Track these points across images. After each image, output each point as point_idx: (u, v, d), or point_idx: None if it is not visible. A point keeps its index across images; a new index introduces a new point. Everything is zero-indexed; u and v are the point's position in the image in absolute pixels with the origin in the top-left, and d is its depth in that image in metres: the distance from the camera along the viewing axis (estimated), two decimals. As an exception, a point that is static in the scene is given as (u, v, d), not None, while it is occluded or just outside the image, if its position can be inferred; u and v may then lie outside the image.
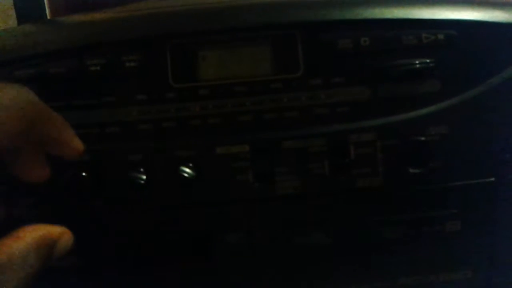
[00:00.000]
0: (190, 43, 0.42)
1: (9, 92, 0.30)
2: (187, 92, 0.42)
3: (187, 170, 0.41)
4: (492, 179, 0.42)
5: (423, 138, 0.41)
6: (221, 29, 0.43)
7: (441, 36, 0.42)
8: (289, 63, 0.42)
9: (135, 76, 0.42)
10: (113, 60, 0.42)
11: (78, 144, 0.35)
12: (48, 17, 0.59)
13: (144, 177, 0.41)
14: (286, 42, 0.42)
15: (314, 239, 0.44)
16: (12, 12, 0.58)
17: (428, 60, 0.42)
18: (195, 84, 0.42)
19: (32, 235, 0.30)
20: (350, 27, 0.42)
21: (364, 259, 0.44)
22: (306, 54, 0.42)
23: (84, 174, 0.40)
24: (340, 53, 0.42)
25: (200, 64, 0.42)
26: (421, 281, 0.45)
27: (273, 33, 0.42)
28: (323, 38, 0.42)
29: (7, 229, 0.29)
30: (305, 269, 0.44)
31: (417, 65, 0.42)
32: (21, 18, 0.56)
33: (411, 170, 0.42)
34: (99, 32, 0.43)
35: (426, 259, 0.44)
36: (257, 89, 0.42)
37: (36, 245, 0.29)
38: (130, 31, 0.43)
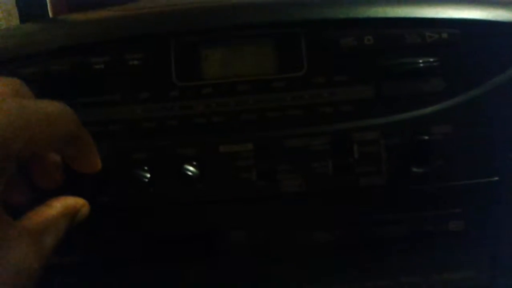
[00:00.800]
0: (194, 41, 0.42)
1: (57, 106, 0.32)
2: (190, 90, 0.42)
3: (191, 168, 0.41)
4: (496, 178, 0.42)
5: (426, 137, 0.41)
6: (224, 28, 0.43)
7: (444, 35, 0.42)
8: (292, 61, 0.42)
9: (138, 74, 0.42)
10: (117, 58, 0.42)
11: (98, 164, 0.38)
12: (50, 16, 0.59)
13: (148, 175, 0.41)
14: (289, 41, 0.42)
15: (316, 237, 0.44)
16: (15, 11, 0.58)
17: (431, 59, 0.42)
18: (199, 82, 0.42)
19: (62, 204, 0.34)
20: (353, 25, 0.42)
21: (366, 258, 0.44)
22: (310, 52, 0.42)
23: (87, 172, 0.40)
24: (344, 51, 0.42)
25: (203, 62, 0.42)
26: (424, 281, 0.44)
27: (277, 31, 0.42)
28: (327, 37, 0.42)
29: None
30: (307, 267, 0.44)
31: (421, 64, 0.42)
32: (23, 17, 0.56)
33: (414, 169, 0.42)
34: (103, 30, 0.43)
35: (429, 258, 0.44)
36: (261, 88, 0.42)
37: (65, 213, 0.34)
38: (134, 29, 0.43)
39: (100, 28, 0.44)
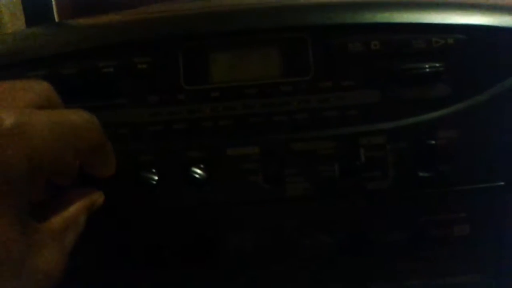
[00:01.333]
0: (202, 46, 0.43)
1: (84, 118, 0.33)
2: (198, 94, 0.42)
3: (198, 171, 0.41)
4: (502, 183, 0.43)
5: (432, 142, 0.41)
6: (232, 32, 0.43)
7: (450, 41, 0.42)
8: (299, 66, 0.42)
9: (147, 78, 0.42)
10: (125, 62, 0.42)
11: (113, 170, 0.38)
12: (56, 19, 0.59)
13: (156, 177, 0.41)
14: (296, 45, 0.43)
15: (321, 241, 0.44)
16: (21, 15, 0.58)
17: (437, 64, 0.42)
18: (206, 86, 0.42)
19: (80, 199, 0.35)
20: (360, 30, 0.43)
21: (371, 262, 0.44)
22: (316, 57, 0.42)
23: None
24: (350, 56, 0.42)
25: (211, 66, 0.42)
26: (428, 285, 0.45)
27: (284, 36, 0.43)
28: (334, 42, 0.42)
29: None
30: (313, 270, 0.45)
31: (427, 69, 0.42)
32: (30, 20, 0.57)
33: (421, 174, 0.42)
34: (112, 34, 0.44)
35: (434, 263, 0.44)
36: (268, 92, 0.42)
37: (83, 208, 0.34)
38: (143, 33, 0.43)
39: (109, 32, 0.44)
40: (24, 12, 0.57)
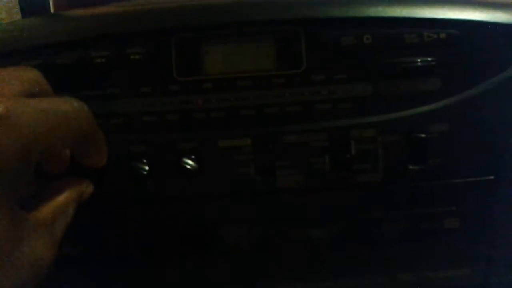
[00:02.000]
0: (195, 37, 0.43)
1: (74, 106, 0.33)
2: (190, 86, 0.42)
3: (190, 162, 0.41)
4: (492, 177, 0.43)
5: (423, 135, 0.42)
6: (225, 24, 0.43)
7: (443, 35, 0.43)
8: (292, 58, 0.43)
9: (140, 69, 0.42)
10: (119, 53, 0.42)
11: (104, 160, 0.38)
12: (52, 11, 0.59)
13: (147, 168, 0.41)
14: (289, 38, 0.43)
15: (313, 233, 0.44)
16: (17, 7, 0.59)
17: (429, 59, 0.42)
18: (199, 77, 0.42)
19: (68, 188, 0.34)
20: (353, 24, 0.43)
21: (362, 255, 0.45)
22: (309, 50, 0.43)
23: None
24: (343, 50, 0.43)
25: (204, 58, 0.43)
26: (419, 278, 0.45)
27: (277, 29, 0.43)
28: (326, 35, 0.43)
29: None
30: (304, 262, 0.45)
31: (419, 63, 0.42)
32: (25, 13, 0.57)
33: (411, 167, 0.42)
34: (105, 25, 0.44)
35: (424, 256, 0.45)
36: (260, 84, 0.42)
37: (72, 197, 0.34)
38: (136, 24, 0.43)
39: (102, 23, 0.44)
40: (20, 4, 0.57)
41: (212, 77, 0.42)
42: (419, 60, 0.42)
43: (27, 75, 0.32)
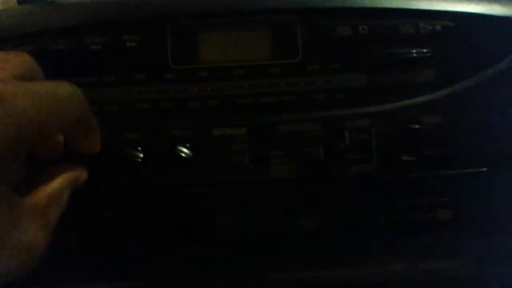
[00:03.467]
0: (191, 26, 0.43)
1: (67, 89, 0.32)
2: (186, 74, 0.42)
3: (184, 150, 0.41)
4: (485, 169, 0.43)
5: (417, 126, 0.42)
6: (221, 13, 0.43)
7: (438, 27, 0.43)
8: (287, 48, 0.43)
9: (135, 56, 0.42)
10: (114, 39, 0.42)
11: (98, 146, 0.38)
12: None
13: (141, 155, 0.41)
14: (285, 28, 0.43)
15: (304, 223, 0.44)
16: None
17: (424, 50, 0.42)
18: (194, 66, 0.42)
19: (62, 175, 0.34)
20: (349, 14, 0.43)
21: (354, 244, 0.45)
22: (305, 40, 0.43)
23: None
24: (339, 40, 0.43)
25: (199, 46, 0.43)
26: (411, 269, 0.45)
27: (273, 18, 0.43)
28: (322, 25, 0.43)
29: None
30: (295, 251, 0.45)
31: (414, 54, 0.42)
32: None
33: (404, 157, 0.42)
34: (101, 12, 0.44)
35: (417, 247, 0.45)
36: (256, 73, 0.43)
37: (66, 184, 0.34)
38: (132, 11, 0.43)
39: (99, 10, 0.44)
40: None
41: (208, 65, 0.42)
42: (414, 51, 0.42)
43: (18, 59, 0.32)
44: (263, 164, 0.42)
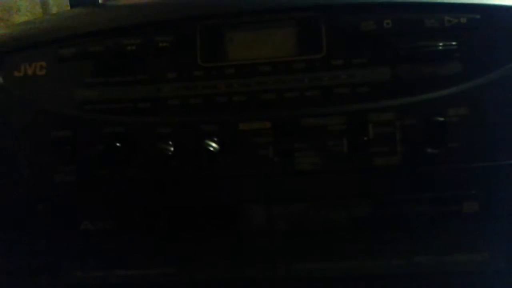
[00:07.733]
0: (218, 25, 0.45)
1: None
2: (214, 71, 0.44)
3: (212, 143, 0.43)
4: (511, 162, 0.43)
5: (442, 119, 0.42)
6: (247, 12, 0.45)
7: (463, 20, 0.43)
8: (312, 44, 0.44)
9: (167, 55, 0.45)
10: (148, 41, 0.45)
11: None
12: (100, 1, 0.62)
13: (172, 149, 0.44)
14: (309, 24, 0.44)
15: (329, 215, 0.45)
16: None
17: (449, 43, 0.42)
18: (222, 63, 0.44)
19: None
20: (373, 9, 0.44)
21: (380, 237, 0.45)
22: (329, 35, 0.44)
23: (118, 144, 0.44)
24: (363, 34, 0.43)
25: (227, 45, 0.45)
26: (437, 261, 0.45)
27: (298, 15, 0.44)
28: (346, 20, 0.44)
29: None
30: (320, 243, 0.46)
31: (439, 47, 0.42)
32: (74, 2, 0.60)
33: (429, 150, 0.43)
34: (137, 15, 0.47)
35: (442, 239, 0.45)
36: (281, 69, 0.44)
37: None
38: (164, 14, 0.46)
39: (134, 13, 0.47)
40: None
41: (234, 62, 0.44)
42: (439, 44, 0.42)
43: None
44: (287, 157, 0.44)
